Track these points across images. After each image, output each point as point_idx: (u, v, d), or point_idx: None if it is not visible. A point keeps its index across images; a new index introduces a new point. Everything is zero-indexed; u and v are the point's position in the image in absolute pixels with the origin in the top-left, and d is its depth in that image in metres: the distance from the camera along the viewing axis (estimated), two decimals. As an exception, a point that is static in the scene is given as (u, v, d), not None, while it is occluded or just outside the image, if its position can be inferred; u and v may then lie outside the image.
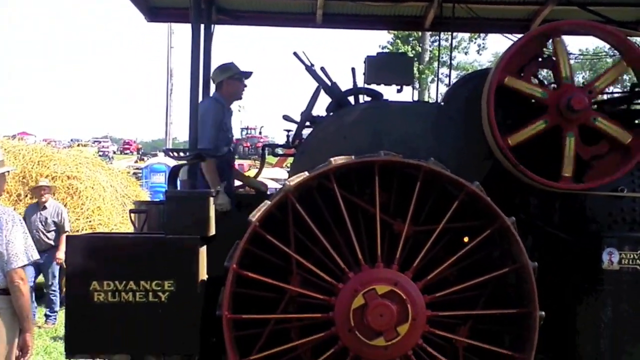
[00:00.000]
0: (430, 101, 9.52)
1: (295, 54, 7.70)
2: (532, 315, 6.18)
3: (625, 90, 8.21)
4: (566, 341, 6.78)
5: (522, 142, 6.64)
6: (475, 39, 39.71)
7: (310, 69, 7.70)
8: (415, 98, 33.08)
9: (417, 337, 6.21)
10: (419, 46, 36.60)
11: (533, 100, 6.74)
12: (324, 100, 7.80)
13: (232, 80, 8.05)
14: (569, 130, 6.60)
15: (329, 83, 7.71)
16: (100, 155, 25.81)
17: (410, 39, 37.31)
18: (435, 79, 19.12)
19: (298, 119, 7.88)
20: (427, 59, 36.81)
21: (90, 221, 15.86)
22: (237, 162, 10.40)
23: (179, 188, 7.53)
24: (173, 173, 7.34)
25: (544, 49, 6.86)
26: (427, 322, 6.25)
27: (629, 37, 6.85)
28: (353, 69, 7.75)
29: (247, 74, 8.17)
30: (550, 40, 6.69)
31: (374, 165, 6.28)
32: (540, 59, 6.81)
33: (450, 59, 17.76)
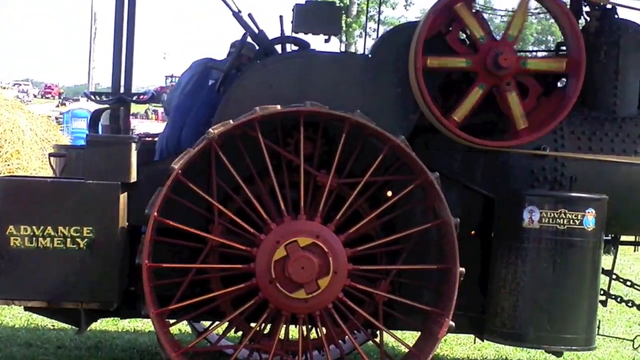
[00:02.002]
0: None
1: (222, -1, 7.55)
2: (452, 272, 6.21)
3: (550, 49, 8.24)
4: (486, 298, 6.82)
5: (440, 69, 6.67)
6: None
7: (237, 15, 7.56)
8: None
9: (337, 291, 6.20)
10: (347, -1, 36.50)
11: None
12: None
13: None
14: (482, 82, 6.62)
15: (256, 30, 7.58)
16: (19, 98, 25.32)
17: (339, -9, 37.17)
18: (363, 33, 19.06)
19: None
20: (354, 12, 36.72)
21: (8, 165, 15.58)
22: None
23: (100, 133, 7.36)
24: (94, 117, 7.18)
25: (474, 3, 6.83)
26: (348, 275, 6.23)
27: None
28: (281, 17, 7.64)
29: None
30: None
31: (299, 115, 6.22)
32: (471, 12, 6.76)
33: (379, 12, 17.69)
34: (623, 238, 8.10)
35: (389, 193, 6.64)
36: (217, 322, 6.88)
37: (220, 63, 7.48)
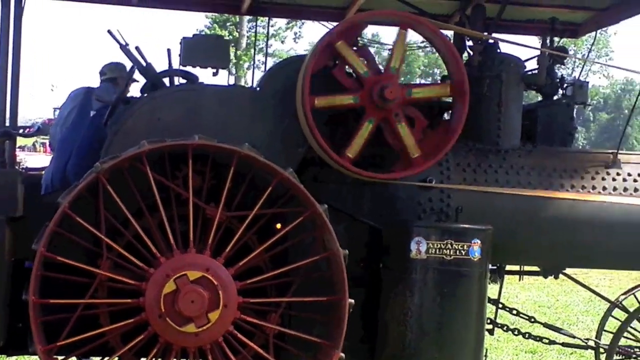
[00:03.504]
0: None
1: (109, 32, 7.49)
2: (342, 303, 6.24)
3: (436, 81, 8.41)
4: (376, 329, 6.88)
5: (328, 108, 6.72)
6: (292, 27, 40.01)
7: (124, 48, 7.51)
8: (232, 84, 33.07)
9: (228, 324, 6.17)
10: (237, 31, 36.53)
11: None
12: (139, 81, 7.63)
13: (122, 80, 7.76)
14: (371, 116, 6.70)
15: (144, 63, 7.54)
16: None
17: (228, 24, 37.22)
18: (252, 65, 19.11)
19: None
20: (244, 45, 36.79)
21: None
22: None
23: None
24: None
25: (359, 38, 6.94)
26: (239, 308, 6.21)
27: (440, 30, 7.01)
28: (169, 50, 7.63)
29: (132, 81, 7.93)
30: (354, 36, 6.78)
31: (188, 148, 6.19)
32: (355, 48, 6.87)
33: (267, 45, 17.81)
34: (508, 267, 8.29)
35: (279, 225, 6.65)
36: (107, 358, 6.77)
37: (99, 93, 7.42)
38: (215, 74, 7.52)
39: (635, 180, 7.53)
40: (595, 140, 66.67)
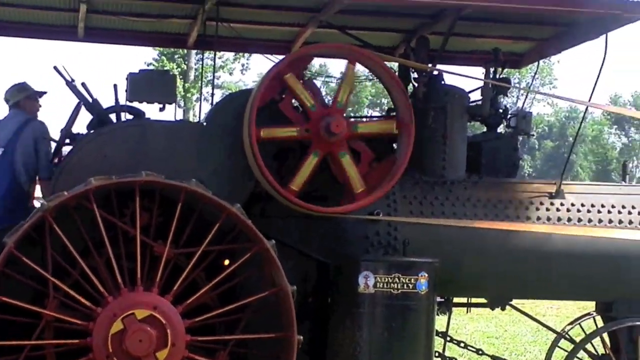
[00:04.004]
0: (195, 120, 9.50)
1: (55, 68, 7.46)
2: (290, 339, 6.23)
3: (382, 114, 8.46)
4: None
5: (274, 139, 6.77)
6: (240, 59, 40.03)
7: (70, 84, 7.48)
8: (181, 117, 32.99)
9: (176, 363, 6.12)
10: (185, 64, 36.46)
11: None
12: (85, 117, 7.59)
13: (30, 99, 7.68)
14: (316, 149, 6.74)
15: (90, 99, 7.51)
16: None
17: (176, 56, 37.14)
18: (200, 98, 19.12)
19: (57, 136, 7.61)
20: (192, 77, 36.75)
21: None
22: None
23: None
24: None
25: (305, 71, 6.98)
26: (187, 347, 6.16)
27: (385, 62, 7.08)
28: (115, 86, 7.58)
29: (41, 93, 7.84)
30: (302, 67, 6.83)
31: (135, 185, 6.16)
32: (301, 81, 6.90)
33: (213, 78, 17.89)
34: (456, 299, 8.32)
35: (227, 262, 6.62)
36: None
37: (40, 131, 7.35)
38: (162, 109, 7.52)
39: (578, 210, 7.61)
40: (541, 168, 67.36)
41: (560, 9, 7.17)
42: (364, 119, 6.91)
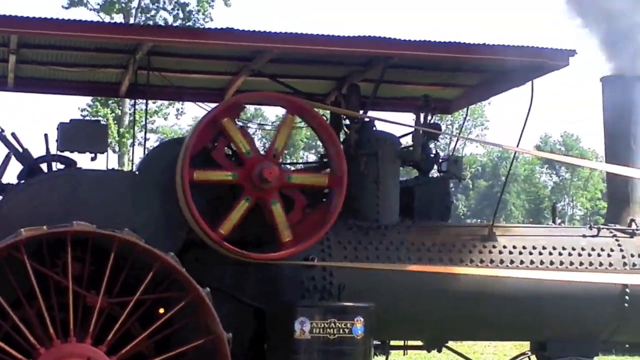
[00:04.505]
0: (131, 166, 9.51)
1: (-17, 119, 7.39)
2: (227, 386, 6.20)
3: (315, 161, 8.51)
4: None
5: (207, 182, 6.79)
6: (174, 103, 39.92)
7: (0, 135, 7.42)
8: (116, 162, 32.78)
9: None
10: (119, 109, 36.26)
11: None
12: (16, 167, 7.52)
13: None
14: (248, 195, 6.78)
15: (21, 149, 7.44)
16: None
17: (110, 102, 36.94)
18: (136, 143, 19.01)
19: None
20: (127, 122, 36.55)
21: None
22: None
23: None
24: None
25: (237, 119, 7.02)
26: None
27: (315, 109, 7.17)
28: (46, 135, 7.54)
29: None
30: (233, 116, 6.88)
31: (66, 235, 6.11)
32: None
33: (145, 126, 17.85)
34: (393, 342, 8.35)
35: (162, 310, 6.58)
36: None
37: None
38: (93, 159, 7.49)
39: (510, 252, 7.71)
40: (475, 207, 67.95)
41: (486, 57, 7.32)
42: (299, 167, 6.93)
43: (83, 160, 7.61)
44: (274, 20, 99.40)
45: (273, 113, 51.37)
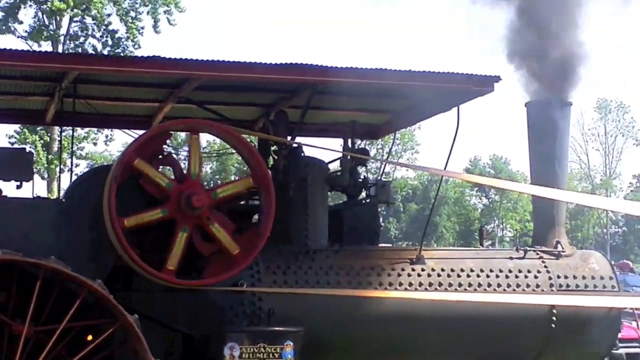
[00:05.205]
0: (59, 193, 9.45)
1: None
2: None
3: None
4: None
5: (139, 226, 6.75)
6: (103, 130, 39.61)
7: None
8: (45, 189, 32.36)
9: None
10: (48, 136, 35.90)
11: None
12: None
13: None
14: (183, 225, 6.77)
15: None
16: None
17: (39, 128, 36.55)
18: (60, 170, 18.85)
19: None
20: (55, 149, 36.18)
21: None
22: None
23: None
24: None
25: (165, 146, 7.02)
26: None
27: (243, 135, 7.19)
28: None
29: None
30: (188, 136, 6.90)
31: (-8, 264, 6.05)
32: (160, 157, 6.95)
33: (72, 153, 17.66)
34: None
35: (90, 337, 6.54)
36: None
37: None
38: (19, 187, 7.42)
39: (439, 275, 7.80)
40: (407, 230, 68.44)
41: (411, 83, 7.41)
42: (217, 224, 6.90)
43: (8, 188, 7.55)
44: (205, 46, 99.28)
45: (204, 139, 51.35)
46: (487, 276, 7.93)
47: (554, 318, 7.91)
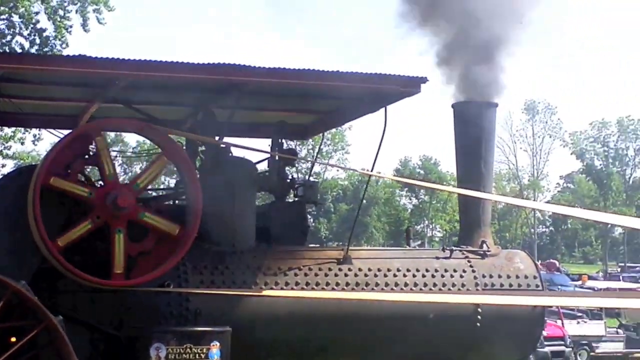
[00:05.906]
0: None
1: None
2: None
3: (170, 187, 8.50)
4: None
5: (73, 242, 6.69)
6: (30, 129, 39.12)
7: None
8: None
9: None
10: (-27, 135, 35.39)
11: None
12: None
13: None
14: (117, 227, 6.74)
15: None
16: None
17: (-37, 127, 36.02)
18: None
19: None
20: (-17, 148, 35.67)
21: None
22: None
23: None
24: None
25: (90, 147, 6.97)
26: None
27: (170, 135, 7.18)
28: None
29: None
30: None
31: None
32: (86, 157, 6.91)
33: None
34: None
35: (13, 339, 6.46)
36: None
37: None
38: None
39: (366, 275, 7.85)
40: (337, 230, 68.78)
41: (337, 84, 7.45)
42: (148, 213, 6.89)
43: None
44: (136, 45, 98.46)
45: (134, 139, 50.99)
46: (414, 276, 8.01)
47: (479, 317, 8.01)
